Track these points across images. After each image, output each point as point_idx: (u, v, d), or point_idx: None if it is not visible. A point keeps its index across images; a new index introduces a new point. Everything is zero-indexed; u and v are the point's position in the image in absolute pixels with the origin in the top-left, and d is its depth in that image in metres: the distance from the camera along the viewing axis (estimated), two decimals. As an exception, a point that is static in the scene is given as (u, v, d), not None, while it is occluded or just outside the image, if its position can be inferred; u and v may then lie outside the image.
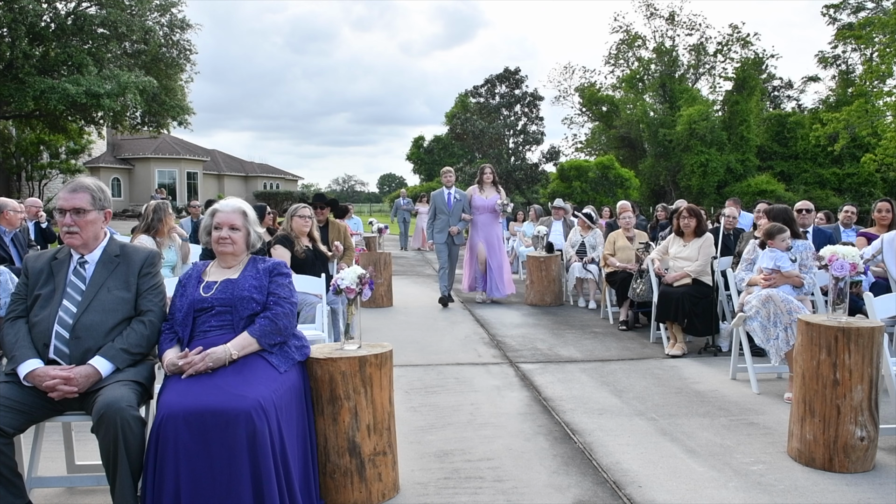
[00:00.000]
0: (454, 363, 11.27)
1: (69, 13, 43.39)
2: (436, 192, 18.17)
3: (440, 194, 17.78)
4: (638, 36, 70.76)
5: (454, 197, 17.69)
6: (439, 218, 17.67)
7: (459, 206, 17.67)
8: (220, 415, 4.90)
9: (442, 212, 17.63)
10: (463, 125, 58.57)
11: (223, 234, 5.95)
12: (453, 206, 17.62)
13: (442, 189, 17.88)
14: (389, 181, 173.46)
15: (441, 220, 17.63)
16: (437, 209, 17.74)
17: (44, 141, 50.84)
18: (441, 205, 17.64)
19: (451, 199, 17.67)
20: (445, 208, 17.58)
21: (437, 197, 17.82)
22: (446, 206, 17.59)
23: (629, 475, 6.67)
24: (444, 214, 17.59)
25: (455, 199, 17.68)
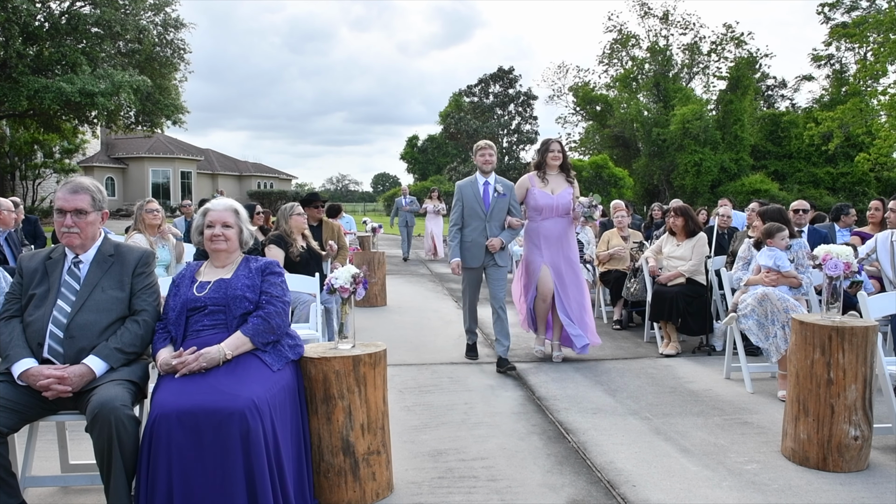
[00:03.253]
0: (448, 362, 11.32)
1: (63, 12, 43.30)
2: (464, 181, 11.31)
3: (471, 185, 11.15)
4: (632, 35, 70.87)
5: (495, 189, 11.03)
6: (469, 223, 11.07)
7: (504, 204, 11.06)
8: (214, 414, 4.90)
9: (475, 213, 11.03)
10: (457, 124, 58.67)
11: (216, 232, 5.98)
12: (493, 204, 10.99)
13: (475, 177, 11.25)
14: (383, 181, 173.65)
15: (473, 226, 11.04)
16: (465, 208, 11.12)
17: (38, 140, 50.73)
18: (473, 201, 11.05)
19: (489, 192, 11.06)
20: (481, 207, 11.01)
21: (467, 189, 11.13)
22: (482, 203, 11.03)
23: (623, 474, 6.68)
24: (477, 218, 11.00)
25: (497, 192, 11.01)
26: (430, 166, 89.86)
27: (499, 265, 11.27)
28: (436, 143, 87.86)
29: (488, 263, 11.25)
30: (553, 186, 11.36)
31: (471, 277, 11.47)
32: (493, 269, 11.28)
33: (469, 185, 11.32)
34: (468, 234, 11.17)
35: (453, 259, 11.31)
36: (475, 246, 11.14)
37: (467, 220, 11.19)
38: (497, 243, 11.08)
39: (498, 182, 11.25)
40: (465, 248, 11.21)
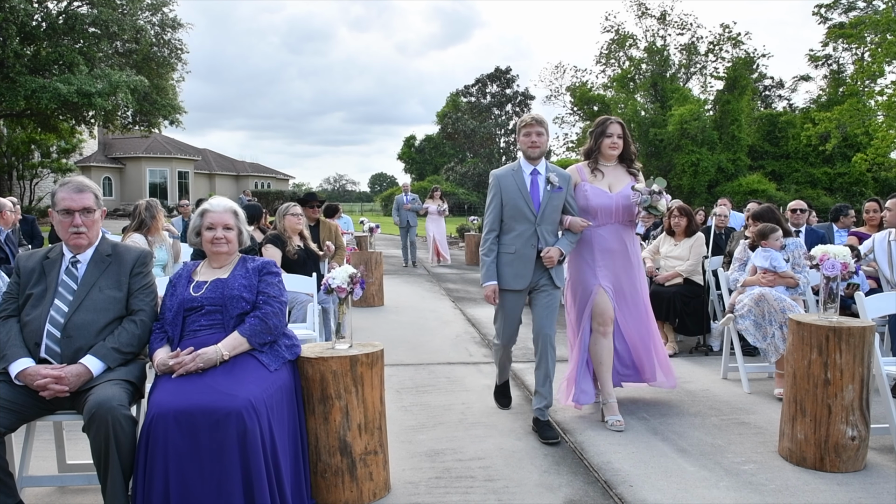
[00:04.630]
0: (445, 362, 11.29)
1: (60, 12, 43.31)
2: (503, 171, 8.35)
3: (513, 175, 8.17)
4: (629, 35, 70.82)
5: (548, 181, 8.11)
6: (512, 228, 8.15)
7: (559, 201, 8.21)
8: (211, 414, 4.91)
9: (520, 214, 8.08)
10: (454, 124, 58.68)
11: (218, 235, 5.98)
12: (545, 200, 8.10)
13: (517, 164, 8.29)
14: (381, 180, 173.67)
15: (518, 232, 8.12)
16: (506, 207, 8.15)
17: (35, 140, 50.68)
18: (517, 198, 8.08)
19: (538, 184, 8.13)
20: (528, 205, 8.05)
21: (508, 181, 8.17)
22: (529, 199, 8.07)
23: (620, 474, 6.69)
24: (523, 220, 8.08)
25: (550, 185, 8.10)
26: (428, 166, 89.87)
27: (554, 286, 8.16)
28: (433, 143, 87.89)
29: (539, 284, 8.12)
30: (611, 181, 8.49)
31: (512, 304, 8.26)
32: (546, 293, 8.15)
33: (510, 175, 8.11)
34: (510, 244, 8.08)
35: (488, 283, 8.06)
36: (520, 260, 8.02)
37: (509, 223, 8.08)
38: (556, 254, 7.98)
39: (551, 171, 8.11)
40: (506, 262, 8.10)
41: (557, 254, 8.07)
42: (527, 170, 8.16)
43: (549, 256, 8.03)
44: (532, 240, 8.07)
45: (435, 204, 27.90)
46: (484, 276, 8.20)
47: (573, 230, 8.25)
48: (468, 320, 15.19)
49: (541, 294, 8.22)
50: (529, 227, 8.04)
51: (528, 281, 8.11)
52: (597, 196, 8.41)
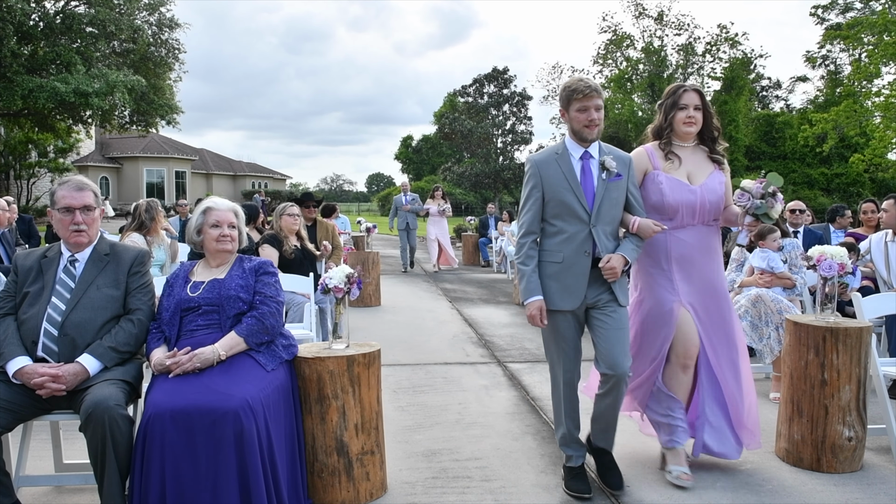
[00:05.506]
0: (442, 363, 11.26)
1: (58, 12, 43.30)
2: (543, 155, 6.44)
3: (558, 160, 6.31)
4: (626, 36, 70.79)
5: (603, 167, 6.27)
6: (558, 229, 6.31)
7: (620, 192, 6.37)
8: (208, 414, 4.92)
9: (568, 210, 6.25)
10: (451, 125, 58.47)
11: (225, 232, 6.01)
12: (601, 193, 6.25)
13: (563, 146, 6.39)
14: (378, 180, 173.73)
15: (567, 235, 6.27)
16: (549, 202, 6.32)
17: (32, 140, 50.70)
18: (564, 189, 6.24)
19: (591, 171, 6.30)
20: (579, 200, 6.21)
21: (551, 168, 6.31)
22: (580, 192, 6.22)
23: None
24: (573, 218, 6.25)
25: (607, 172, 6.26)
26: (425, 166, 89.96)
27: (618, 304, 6.30)
28: (430, 143, 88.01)
29: (598, 301, 6.28)
30: (690, 169, 6.67)
31: (564, 328, 6.36)
32: (608, 313, 6.28)
33: (553, 160, 6.27)
34: (555, 250, 6.26)
35: (531, 299, 6.21)
36: (570, 271, 6.20)
37: (554, 223, 6.27)
38: (619, 264, 6.14)
39: (607, 154, 6.29)
40: (550, 274, 6.27)
41: (621, 263, 6.12)
42: (575, 153, 6.23)
43: (611, 267, 6.07)
44: (585, 245, 6.13)
45: (436, 204, 25.42)
46: (524, 290, 6.22)
47: (643, 235, 6.32)
48: (465, 320, 15.14)
49: (603, 312, 6.27)
50: (581, 228, 6.14)
51: (581, 299, 6.17)
52: (676, 189, 6.51)
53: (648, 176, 6.64)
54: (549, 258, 6.30)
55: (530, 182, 6.36)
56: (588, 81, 6.19)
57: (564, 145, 6.35)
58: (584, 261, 6.18)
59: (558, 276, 6.24)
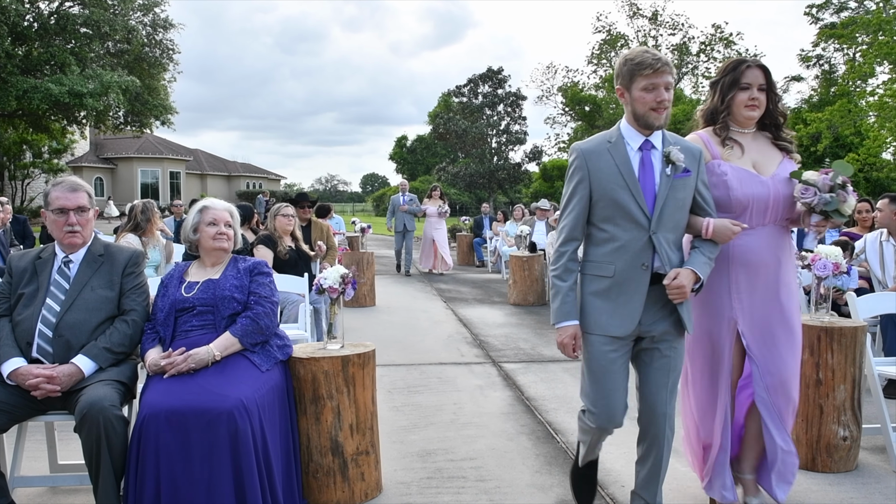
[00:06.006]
0: (437, 363, 11.25)
1: (52, 13, 43.30)
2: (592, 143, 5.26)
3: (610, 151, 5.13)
4: (621, 36, 70.85)
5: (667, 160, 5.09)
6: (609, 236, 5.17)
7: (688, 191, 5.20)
8: (202, 414, 4.92)
9: (622, 212, 5.09)
10: (446, 125, 58.46)
11: (221, 230, 6.00)
12: (665, 192, 5.08)
13: (616, 133, 5.23)
14: (372, 181, 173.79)
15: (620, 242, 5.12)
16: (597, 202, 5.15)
17: (26, 140, 50.73)
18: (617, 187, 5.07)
19: (653, 165, 5.13)
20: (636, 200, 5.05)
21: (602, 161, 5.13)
22: (638, 190, 5.06)
23: (612, 475, 6.72)
24: (629, 223, 5.09)
25: (672, 166, 5.08)
26: (419, 166, 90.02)
27: (678, 334, 5.29)
28: (425, 143, 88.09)
29: (652, 330, 5.18)
30: (756, 158, 5.63)
31: (607, 359, 5.24)
32: (667, 345, 5.26)
33: (605, 150, 5.15)
34: (605, 261, 5.17)
35: (564, 323, 5.19)
36: (624, 288, 5.12)
37: (603, 227, 5.18)
38: (688, 281, 5.03)
39: (672, 144, 5.17)
40: (598, 291, 5.20)
41: (691, 280, 5.03)
42: (633, 142, 5.13)
43: (679, 285, 4.97)
44: (643, 256, 5.05)
45: (434, 205, 24.20)
46: (557, 311, 5.18)
47: (719, 239, 5.21)
48: (460, 320, 15.13)
49: (657, 348, 5.24)
50: (639, 234, 5.04)
51: (635, 324, 5.08)
52: (745, 181, 5.47)
53: (707, 167, 5.44)
54: (595, 271, 5.18)
55: (575, 176, 5.17)
56: (656, 53, 5.03)
57: (619, 132, 5.18)
58: (642, 276, 5.05)
59: (608, 294, 5.11)
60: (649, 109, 4.98)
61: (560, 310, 5.19)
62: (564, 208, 5.26)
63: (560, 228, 5.30)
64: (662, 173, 5.07)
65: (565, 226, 5.23)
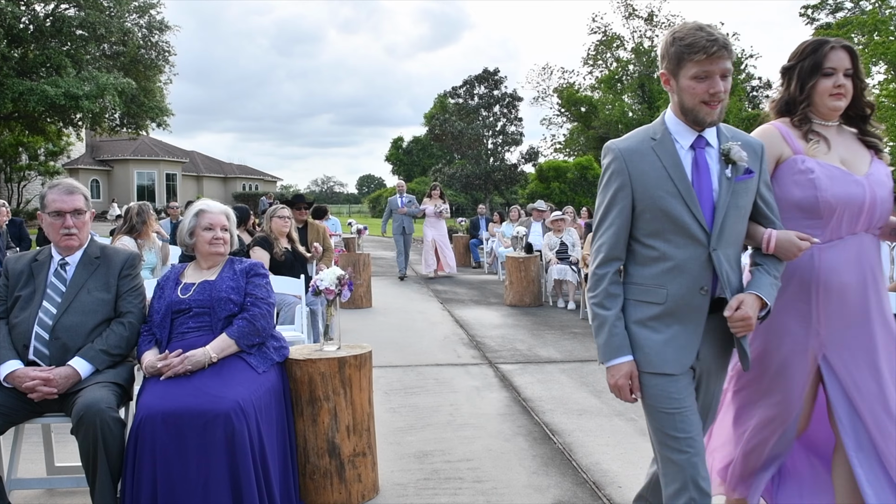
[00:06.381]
0: (433, 364, 11.25)
1: (48, 15, 43.36)
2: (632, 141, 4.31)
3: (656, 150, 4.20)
4: (616, 36, 70.88)
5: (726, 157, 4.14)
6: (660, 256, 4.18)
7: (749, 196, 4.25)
8: (199, 416, 4.93)
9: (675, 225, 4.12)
10: (442, 126, 58.44)
11: (218, 235, 5.99)
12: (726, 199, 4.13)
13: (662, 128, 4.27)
14: (368, 182, 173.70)
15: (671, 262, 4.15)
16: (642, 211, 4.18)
17: (22, 143, 50.76)
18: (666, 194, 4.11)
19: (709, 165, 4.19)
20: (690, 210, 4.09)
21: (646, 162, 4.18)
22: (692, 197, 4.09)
23: (609, 475, 6.69)
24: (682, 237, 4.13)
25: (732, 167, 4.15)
26: (415, 168, 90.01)
27: (721, 370, 4.53)
28: (421, 144, 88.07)
29: (708, 364, 4.37)
30: (844, 155, 4.67)
31: (673, 396, 4.20)
32: (715, 379, 4.49)
33: (649, 149, 4.25)
34: (653, 285, 4.25)
35: (616, 360, 4.22)
36: (678, 317, 4.22)
37: (651, 243, 4.26)
38: (753, 309, 4.13)
39: (729, 139, 4.27)
40: (646, 321, 4.27)
41: (756, 308, 4.11)
42: (683, 139, 4.20)
43: (743, 316, 4.05)
44: (701, 278, 4.12)
45: (433, 205, 23.04)
46: (606, 346, 4.22)
47: (783, 255, 4.30)
48: (456, 322, 15.12)
49: (700, 387, 4.36)
50: (695, 252, 4.12)
51: (692, 358, 4.19)
52: (837, 181, 4.48)
53: (786, 164, 4.57)
54: (642, 296, 4.22)
55: (613, 183, 4.22)
56: (712, 33, 4.04)
57: (665, 127, 4.24)
58: (700, 303, 4.14)
59: (659, 325, 4.18)
60: (700, 103, 4.06)
61: (609, 344, 4.20)
62: (601, 222, 4.29)
63: (597, 247, 4.29)
64: (721, 176, 4.14)
65: (603, 243, 4.25)
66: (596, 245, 4.31)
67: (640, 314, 4.23)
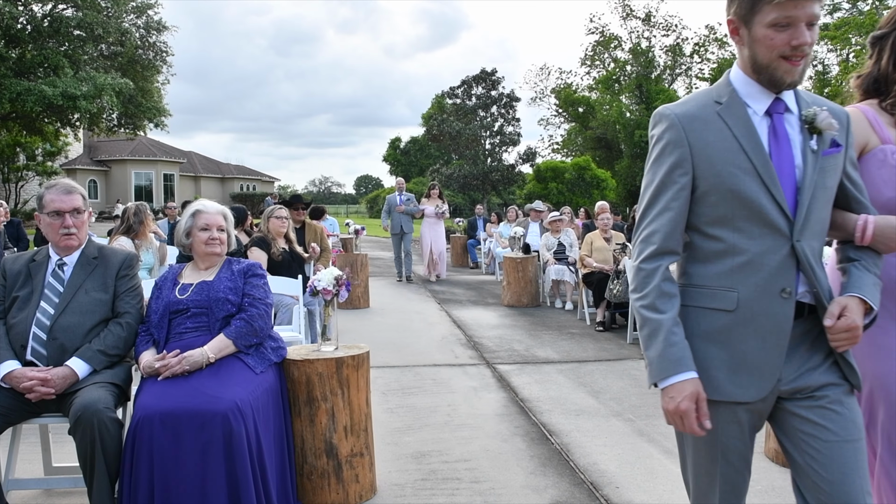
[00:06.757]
0: (431, 364, 11.24)
1: (45, 15, 43.35)
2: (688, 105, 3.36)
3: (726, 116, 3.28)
4: (614, 37, 70.83)
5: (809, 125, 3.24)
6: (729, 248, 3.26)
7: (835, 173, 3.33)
8: (197, 416, 4.91)
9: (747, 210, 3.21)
10: (439, 126, 58.42)
11: (214, 235, 5.99)
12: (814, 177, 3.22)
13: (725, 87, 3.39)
14: (366, 182, 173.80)
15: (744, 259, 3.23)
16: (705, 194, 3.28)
17: (20, 143, 50.76)
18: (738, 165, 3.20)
19: (789, 136, 3.26)
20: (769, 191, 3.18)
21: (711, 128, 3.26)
22: (771, 174, 3.18)
23: (606, 476, 6.68)
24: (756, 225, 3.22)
25: (819, 136, 3.24)
26: (413, 168, 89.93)
27: (847, 389, 3.28)
28: (418, 144, 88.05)
29: (808, 381, 3.26)
30: None
31: (728, 434, 3.33)
32: (828, 405, 3.22)
33: (714, 115, 3.30)
34: (719, 286, 3.28)
35: (677, 377, 3.19)
36: (753, 327, 3.23)
37: (716, 233, 3.30)
38: (858, 315, 3.20)
39: (810, 104, 3.33)
40: (711, 333, 3.30)
41: (861, 314, 3.24)
42: (756, 104, 3.32)
43: (850, 326, 3.19)
44: (783, 277, 3.23)
45: (432, 205, 22.28)
46: (660, 360, 3.28)
47: (881, 247, 3.44)
48: (454, 322, 15.11)
49: (819, 405, 3.24)
50: (776, 244, 3.23)
51: (773, 382, 3.26)
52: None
53: (872, 155, 3.81)
54: (705, 301, 3.31)
55: (668, 157, 3.31)
56: None
57: (732, 89, 3.35)
58: (782, 309, 3.21)
59: (727, 338, 3.25)
60: (778, 58, 3.16)
61: (666, 357, 3.22)
62: (650, 206, 3.37)
63: (644, 236, 3.37)
64: (805, 148, 3.24)
65: (655, 231, 3.32)
66: (644, 234, 3.37)
67: (701, 325, 3.29)
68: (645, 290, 3.29)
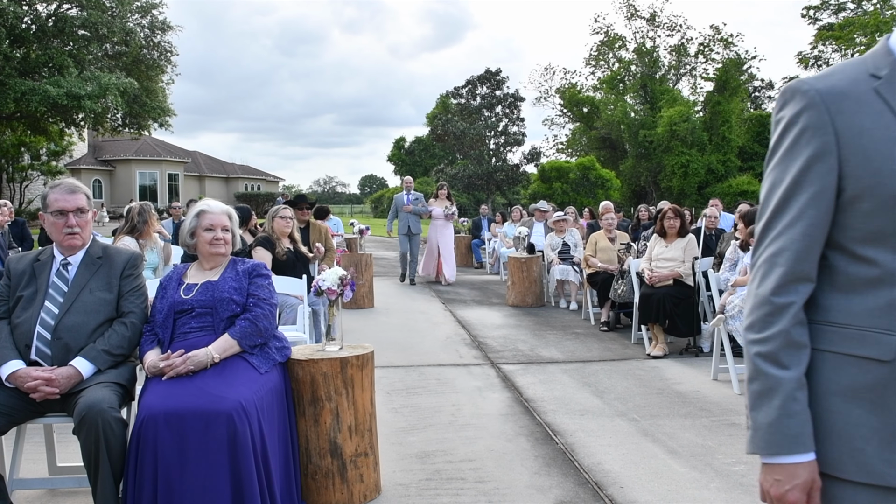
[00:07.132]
0: (435, 364, 11.24)
1: (50, 15, 43.27)
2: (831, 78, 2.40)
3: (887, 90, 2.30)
4: (618, 37, 70.78)
5: None
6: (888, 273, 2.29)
7: None
8: (201, 416, 4.91)
9: None
10: (444, 126, 58.55)
11: (218, 235, 5.98)
12: None
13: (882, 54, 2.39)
14: (370, 182, 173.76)
15: None
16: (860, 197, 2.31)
17: (24, 143, 50.69)
18: None
19: None
20: None
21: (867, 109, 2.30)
22: None
23: (611, 476, 6.67)
24: None
25: None
26: (418, 168, 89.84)
27: None
28: (423, 144, 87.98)
29: None
30: None
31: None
32: None
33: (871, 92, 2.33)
34: (870, 326, 2.32)
35: (791, 458, 2.37)
36: None
37: (864, 252, 2.35)
38: None
39: None
40: (857, 391, 2.34)
41: None
42: None
43: None
44: None
45: (441, 205, 21.20)
46: (772, 430, 2.40)
47: None
48: (458, 322, 15.11)
49: None
50: None
51: None
52: None
53: None
54: (850, 346, 2.40)
55: (805, 147, 2.41)
56: None
57: (894, 58, 2.40)
58: None
59: (880, 398, 2.34)
60: None
61: (779, 428, 2.41)
62: (776, 214, 2.50)
63: (768, 255, 2.50)
64: None
65: (783, 249, 2.46)
66: (768, 252, 2.50)
67: (843, 379, 2.40)
68: (767, 333, 2.45)
